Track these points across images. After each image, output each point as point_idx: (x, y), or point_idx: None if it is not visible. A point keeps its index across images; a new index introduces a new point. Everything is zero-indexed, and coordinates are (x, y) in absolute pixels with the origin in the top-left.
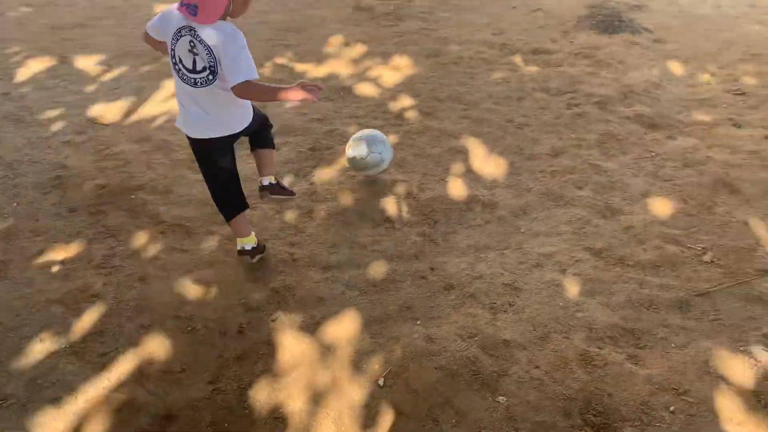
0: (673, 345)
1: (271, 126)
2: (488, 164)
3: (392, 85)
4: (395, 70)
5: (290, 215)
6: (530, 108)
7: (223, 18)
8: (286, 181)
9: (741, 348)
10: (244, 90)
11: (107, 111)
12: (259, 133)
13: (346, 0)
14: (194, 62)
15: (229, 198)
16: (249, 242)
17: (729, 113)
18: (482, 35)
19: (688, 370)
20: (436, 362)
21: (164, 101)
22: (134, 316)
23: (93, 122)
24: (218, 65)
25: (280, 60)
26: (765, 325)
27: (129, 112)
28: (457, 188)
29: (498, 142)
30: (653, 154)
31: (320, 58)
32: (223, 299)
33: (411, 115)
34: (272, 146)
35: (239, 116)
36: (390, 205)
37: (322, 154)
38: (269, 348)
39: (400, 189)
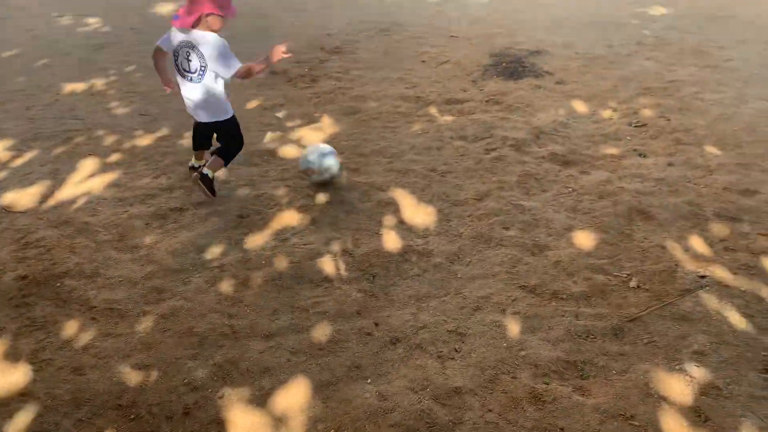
0: (614, 372)
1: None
2: (418, 213)
3: None
4: (317, 130)
5: (226, 286)
6: (451, 156)
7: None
8: (216, 251)
9: (676, 367)
10: (240, 75)
11: (21, 197)
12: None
13: None
14: (190, 65)
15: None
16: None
17: (633, 144)
18: (397, 90)
19: (632, 395)
20: (391, 419)
21: (82, 182)
22: (71, 411)
23: (6, 210)
24: (207, 67)
25: None
26: (695, 341)
27: (45, 197)
28: (391, 240)
29: (425, 191)
30: (570, 189)
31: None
32: (166, 381)
33: None
34: (220, 154)
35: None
36: (327, 264)
37: (252, 220)
38: (219, 427)
39: (335, 247)
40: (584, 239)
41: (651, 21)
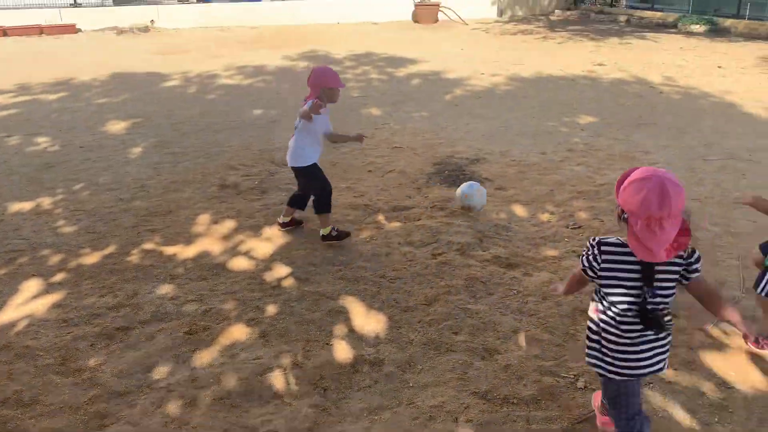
0: None
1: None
2: (369, 321)
3: (266, 256)
4: (267, 242)
5: (172, 407)
6: (399, 262)
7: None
8: (163, 370)
9: None
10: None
11: None
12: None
13: (210, 180)
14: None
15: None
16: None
17: (571, 246)
18: (345, 198)
19: None
20: None
21: (23, 304)
22: None
23: None
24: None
25: (147, 245)
26: None
27: None
28: (342, 350)
29: (375, 298)
30: (515, 291)
31: (189, 239)
32: None
33: (288, 282)
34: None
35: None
36: (277, 379)
37: (200, 337)
38: None
39: (285, 360)
40: (532, 341)
41: (580, 129)
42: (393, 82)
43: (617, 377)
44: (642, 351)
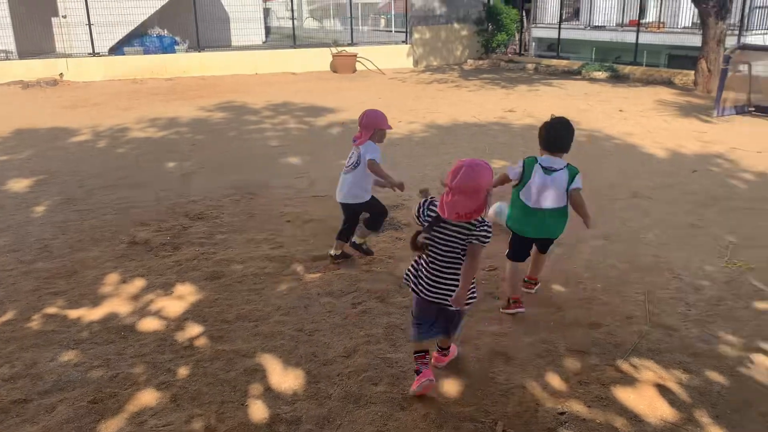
0: None
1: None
2: (286, 378)
3: (177, 315)
4: (179, 299)
5: None
6: (318, 313)
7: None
8: None
9: None
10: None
11: None
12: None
13: (119, 237)
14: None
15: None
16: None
17: (488, 288)
18: (262, 251)
19: None
20: None
21: None
22: None
23: None
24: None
25: (49, 309)
26: None
27: None
28: (258, 411)
29: (292, 353)
30: None
31: (95, 300)
32: None
33: (201, 342)
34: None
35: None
36: None
37: (106, 405)
38: None
39: (197, 425)
40: (450, 387)
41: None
42: (312, 131)
43: (414, 292)
44: (428, 278)
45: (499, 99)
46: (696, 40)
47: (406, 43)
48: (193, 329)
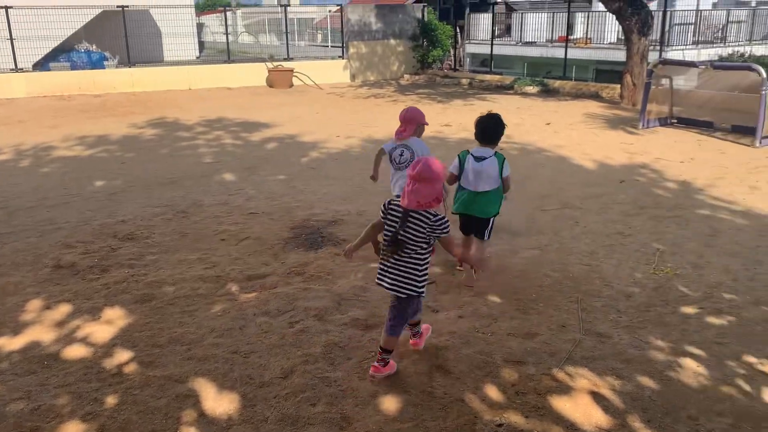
0: None
1: None
2: (221, 403)
3: (105, 341)
4: (107, 324)
5: None
6: (254, 334)
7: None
8: None
9: None
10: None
11: None
12: None
13: (42, 260)
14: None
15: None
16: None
17: (427, 302)
18: (195, 271)
19: None
20: None
21: None
22: None
23: None
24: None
25: None
26: None
27: None
28: None
29: (227, 376)
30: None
31: (16, 329)
32: None
33: (130, 368)
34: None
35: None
36: None
37: None
38: None
39: None
40: (390, 404)
41: None
42: (248, 147)
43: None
44: (386, 269)
45: (436, 113)
46: (621, 55)
47: (343, 58)
48: (122, 355)
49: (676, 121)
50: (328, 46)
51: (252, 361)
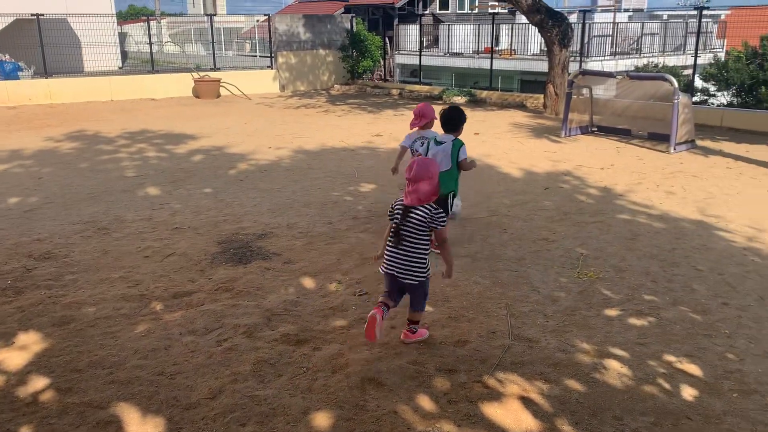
0: None
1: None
2: (145, 428)
3: (19, 368)
4: (21, 350)
5: None
6: (180, 354)
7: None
8: None
9: None
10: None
11: None
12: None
13: None
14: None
15: None
16: None
17: (359, 313)
18: (118, 290)
19: None
20: None
21: None
22: None
23: None
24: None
25: None
26: None
27: None
28: None
29: (152, 399)
30: (305, 369)
31: None
32: None
33: (47, 396)
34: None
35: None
36: None
37: None
38: None
39: None
40: (322, 420)
41: (363, 197)
42: (172, 160)
43: (382, 270)
44: (392, 258)
45: (367, 123)
46: (544, 66)
47: (272, 68)
48: (38, 382)
49: (596, 129)
50: (256, 56)
51: (178, 382)
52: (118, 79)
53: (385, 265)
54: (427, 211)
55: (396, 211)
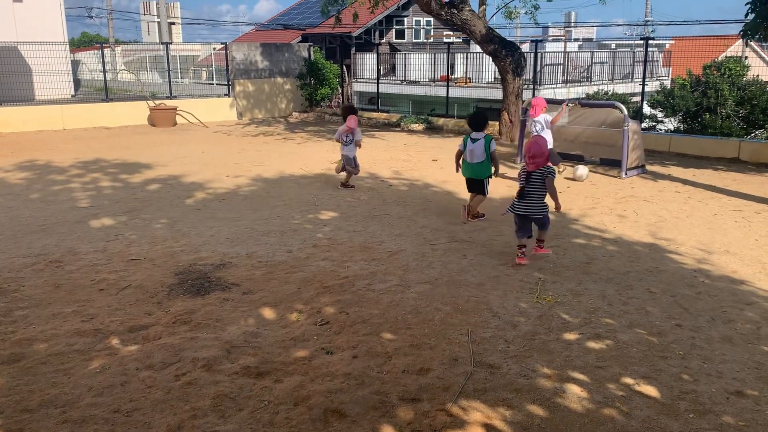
0: None
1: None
2: None
3: None
4: None
5: None
6: (137, 390)
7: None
8: None
9: None
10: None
11: None
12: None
13: None
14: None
15: None
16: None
17: (320, 343)
18: (71, 325)
19: None
20: None
21: None
22: None
23: None
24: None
25: None
26: None
27: None
28: None
29: None
30: (266, 402)
31: None
32: None
33: None
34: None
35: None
36: None
37: None
38: None
39: None
40: None
41: (323, 225)
42: (127, 189)
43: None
44: (523, 205)
45: (326, 151)
46: (499, 94)
47: (229, 96)
48: None
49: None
50: (213, 84)
51: (135, 419)
52: (70, 108)
53: (518, 211)
54: (541, 171)
55: (522, 176)
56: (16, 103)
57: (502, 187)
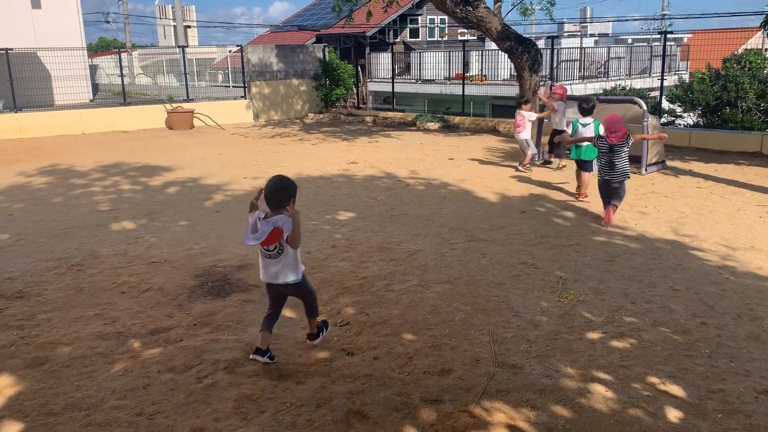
0: None
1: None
2: None
3: None
4: None
5: None
6: (159, 393)
7: None
8: None
9: None
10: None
11: None
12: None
13: None
14: None
15: None
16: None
17: (341, 344)
18: (93, 328)
19: None
20: None
21: None
22: None
23: None
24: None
25: None
26: None
27: None
28: None
29: None
30: (288, 404)
31: None
32: None
33: None
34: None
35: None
36: None
37: None
38: None
39: None
40: None
41: (340, 225)
42: (147, 192)
43: (600, 178)
44: (608, 172)
45: (342, 151)
46: (515, 91)
47: (245, 98)
48: (11, 428)
49: (569, 152)
50: (229, 87)
51: (158, 422)
52: (89, 112)
53: (605, 177)
54: (624, 141)
55: (603, 149)
56: (36, 109)
57: (521, 186)
